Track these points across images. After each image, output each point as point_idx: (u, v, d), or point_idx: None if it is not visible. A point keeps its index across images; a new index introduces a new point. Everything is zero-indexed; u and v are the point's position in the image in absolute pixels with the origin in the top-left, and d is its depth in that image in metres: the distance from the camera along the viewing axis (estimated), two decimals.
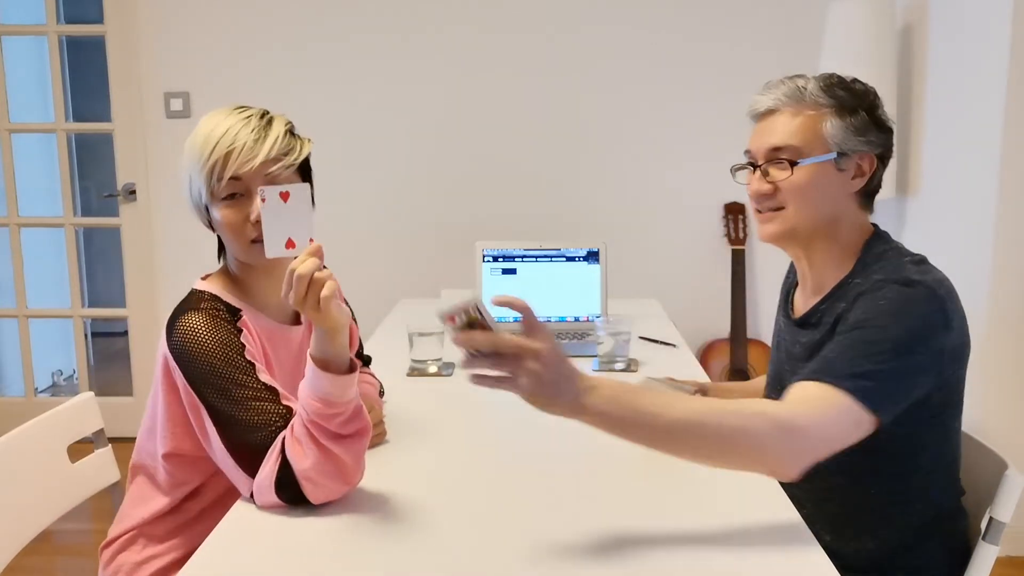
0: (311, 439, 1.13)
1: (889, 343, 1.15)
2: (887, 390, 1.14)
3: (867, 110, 1.29)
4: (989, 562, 1.21)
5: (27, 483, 1.37)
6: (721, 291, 3.47)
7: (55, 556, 2.68)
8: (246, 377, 1.20)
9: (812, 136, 1.28)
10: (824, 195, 1.29)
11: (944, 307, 1.18)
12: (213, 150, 1.23)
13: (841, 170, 1.29)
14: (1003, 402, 2.57)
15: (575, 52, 3.40)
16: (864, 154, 1.29)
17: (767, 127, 1.32)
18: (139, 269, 3.58)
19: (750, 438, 1.05)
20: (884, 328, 1.16)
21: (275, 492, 1.15)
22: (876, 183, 1.32)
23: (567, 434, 1.48)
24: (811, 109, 1.29)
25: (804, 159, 1.28)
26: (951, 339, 1.19)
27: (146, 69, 3.46)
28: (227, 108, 1.29)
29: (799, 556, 1.04)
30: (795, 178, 1.29)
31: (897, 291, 1.19)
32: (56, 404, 1.48)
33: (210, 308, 1.25)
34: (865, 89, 1.32)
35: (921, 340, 1.16)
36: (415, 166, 3.49)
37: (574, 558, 1.03)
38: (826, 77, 1.32)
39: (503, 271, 2.24)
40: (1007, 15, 2.44)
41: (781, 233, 1.32)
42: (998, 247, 2.51)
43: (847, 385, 1.11)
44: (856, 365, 1.13)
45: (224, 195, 1.25)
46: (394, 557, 1.04)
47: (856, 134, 1.28)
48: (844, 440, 1.11)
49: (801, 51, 3.31)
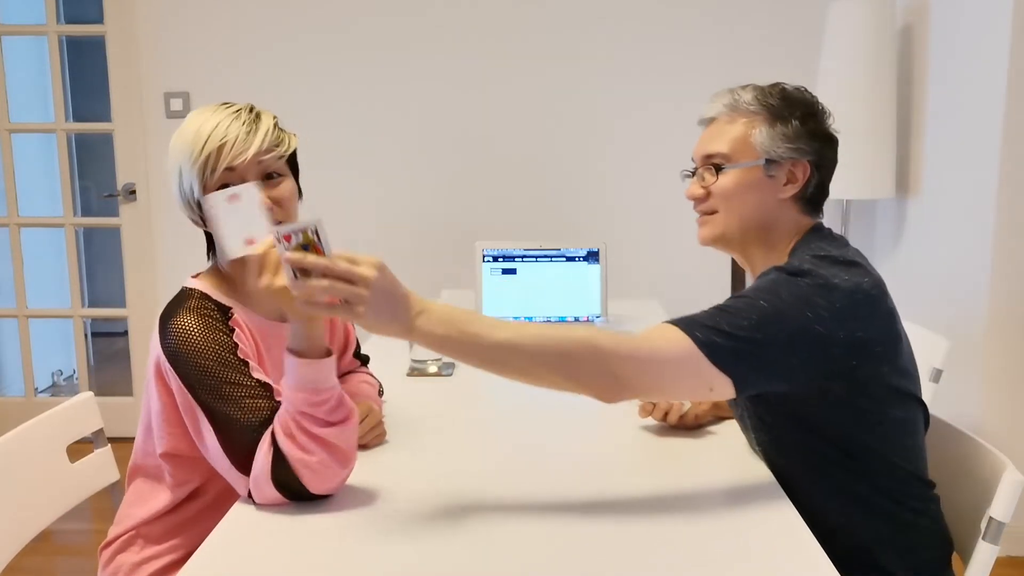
0: (303, 431, 1.14)
1: (755, 313, 1.16)
2: (739, 351, 1.14)
3: (800, 118, 1.31)
4: (989, 562, 1.21)
5: (27, 483, 1.37)
6: (721, 291, 3.47)
7: (55, 556, 2.68)
8: (239, 376, 1.21)
9: (741, 143, 1.33)
10: (752, 200, 1.33)
11: (831, 295, 1.17)
12: (205, 143, 1.24)
13: (771, 176, 1.32)
14: (1003, 402, 2.57)
15: (575, 52, 3.40)
16: (796, 161, 1.31)
17: (706, 134, 1.38)
18: (139, 269, 3.59)
19: (568, 360, 1.11)
20: (754, 300, 1.18)
21: (273, 486, 1.15)
22: (814, 189, 1.34)
23: (567, 433, 1.48)
24: (744, 117, 1.33)
25: (731, 165, 1.33)
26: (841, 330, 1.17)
27: (146, 69, 3.46)
28: (213, 105, 1.30)
29: (799, 556, 1.04)
30: (721, 183, 1.34)
31: (778, 275, 1.21)
32: (56, 404, 1.48)
33: (201, 308, 1.26)
34: (803, 99, 1.34)
35: (794, 317, 1.16)
36: (415, 166, 3.49)
37: (574, 557, 1.03)
38: (765, 87, 1.35)
39: (503, 271, 2.24)
40: (1007, 15, 2.44)
41: (712, 237, 1.38)
42: (998, 247, 2.51)
43: (697, 334, 1.15)
44: (713, 321, 1.16)
45: (218, 187, 1.25)
46: (394, 557, 1.04)
47: (786, 141, 1.31)
48: (682, 385, 1.15)
49: (801, 51, 3.31)
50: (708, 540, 1.08)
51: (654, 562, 1.02)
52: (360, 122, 3.46)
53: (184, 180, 1.28)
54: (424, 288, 3.50)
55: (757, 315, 1.16)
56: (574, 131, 3.44)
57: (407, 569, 1.01)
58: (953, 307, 2.70)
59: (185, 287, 1.32)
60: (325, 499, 1.19)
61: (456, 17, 3.40)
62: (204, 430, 1.21)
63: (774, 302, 1.17)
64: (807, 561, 1.03)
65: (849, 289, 1.20)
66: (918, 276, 2.91)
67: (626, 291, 3.35)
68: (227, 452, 1.18)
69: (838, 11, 2.96)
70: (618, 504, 1.19)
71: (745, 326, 1.15)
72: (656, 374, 1.14)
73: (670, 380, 1.15)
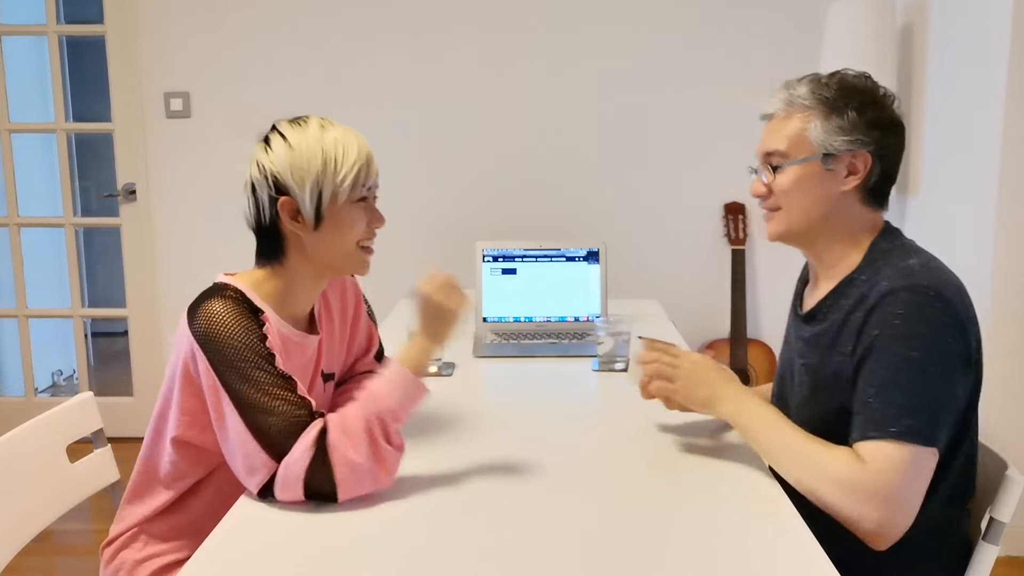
0: (368, 434, 1.19)
1: (913, 368, 1.16)
2: (932, 418, 1.16)
3: (857, 108, 1.30)
4: (989, 562, 1.21)
5: (27, 483, 1.37)
6: (721, 291, 3.47)
7: (55, 556, 2.68)
8: (267, 364, 1.23)
9: (797, 140, 1.32)
10: (814, 195, 1.32)
11: (955, 310, 1.19)
12: (356, 155, 1.33)
13: (829, 169, 1.31)
14: (1003, 402, 2.57)
15: (575, 53, 3.40)
16: (855, 152, 1.30)
17: (766, 132, 1.37)
18: (139, 269, 3.59)
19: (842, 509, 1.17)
20: (906, 353, 1.17)
21: (303, 479, 1.16)
22: (878, 180, 1.32)
23: (568, 433, 1.48)
24: (799, 112, 1.32)
25: (789, 162, 1.32)
26: (967, 339, 1.20)
27: (146, 69, 3.46)
28: (316, 117, 1.36)
29: (799, 556, 1.04)
30: (781, 181, 1.33)
31: (905, 300, 1.19)
32: (56, 404, 1.48)
33: (234, 298, 1.28)
34: (862, 87, 1.33)
35: (942, 350, 1.18)
36: (415, 166, 3.49)
37: (574, 555, 1.03)
38: (821, 77, 1.34)
39: (503, 271, 2.24)
40: (1007, 15, 2.44)
41: (778, 233, 1.37)
42: (998, 247, 2.51)
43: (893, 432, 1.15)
44: (892, 405, 1.16)
45: (358, 197, 1.35)
46: (394, 556, 1.04)
47: (842, 134, 1.29)
48: (922, 488, 1.16)
49: (801, 51, 3.31)
50: (708, 540, 1.08)
51: (654, 561, 1.02)
52: (360, 122, 3.44)
53: (325, 186, 1.31)
54: None
55: (915, 369, 1.17)
56: (574, 131, 3.44)
57: (407, 568, 1.01)
58: None
59: (219, 281, 1.33)
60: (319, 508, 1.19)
61: (456, 18, 3.39)
62: (227, 411, 1.22)
63: (919, 344, 1.17)
64: (807, 561, 1.03)
65: (960, 296, 1.22)
66: None
67: (626, 291, 3.35)
68: (252, 433, 1.19)
69: (838, 11, 2.96)
70: (618, 503, 1.19)
71: (918, 388, 1.16)
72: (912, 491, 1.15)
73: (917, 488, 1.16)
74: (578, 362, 1.98)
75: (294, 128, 1.33)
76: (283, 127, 1.34)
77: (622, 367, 1.91)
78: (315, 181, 1.31)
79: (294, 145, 1.31)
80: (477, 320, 2.23)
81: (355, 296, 1.61)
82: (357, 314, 1.61)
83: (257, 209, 1.33)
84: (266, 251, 1.37)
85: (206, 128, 3.47)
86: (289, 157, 1.30)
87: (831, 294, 1.34)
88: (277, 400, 1.20)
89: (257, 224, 1.35)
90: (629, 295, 3.25)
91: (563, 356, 2.03)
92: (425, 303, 1.34)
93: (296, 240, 1.34)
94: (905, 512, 1.14)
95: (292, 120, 1.36)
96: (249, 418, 1.20)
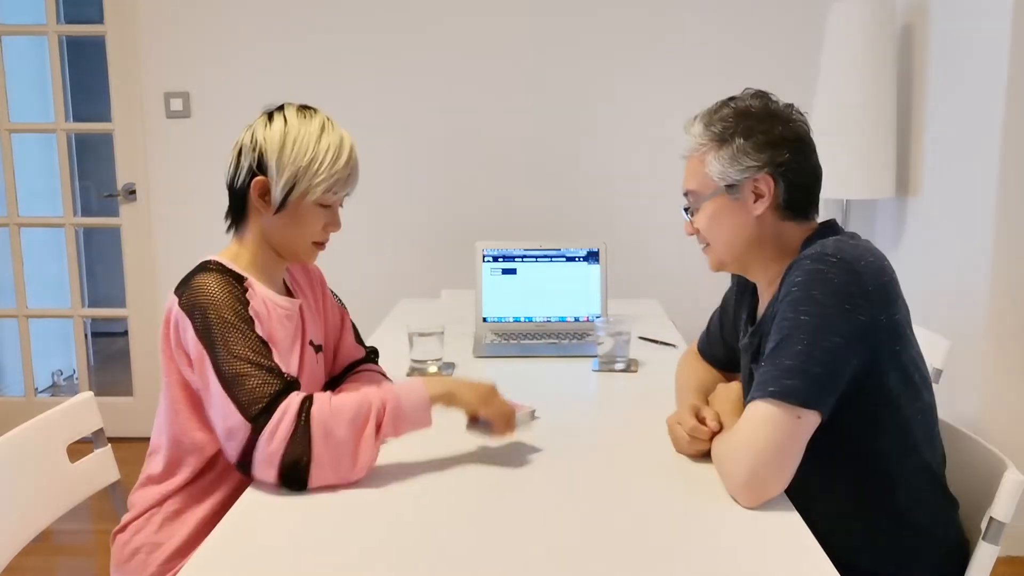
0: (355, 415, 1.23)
1: (802, 330, 1.17)
2: (815, 382, 1.15)
3: (744, 134, 1.30)
4: (989, 562, 1.21)
5: (27, 483, 1.37)
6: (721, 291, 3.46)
7: (55, 556, 2.68)
8: (246, 327, 1.29)
9: (700, 178, 1.36)
10: (730, 226, 1.35)
11: (861, 280, 1.18)
12: (343, 167, 1.40)
13: (736, 199, 1.33)
14: (1003, 402, 2.57)
15: (575, 53, 3.40)
16: (755, 176, 1.30)
17: (684, 173, 1.41)
18: (139, 269, 3.59)
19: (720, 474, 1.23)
20: (796, 318, 1.18)
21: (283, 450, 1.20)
22: (788, 195, 1.31)
23: (567, 432, 1.48)
24: (697, 152, 1.36)
25: (700, 200, 1.36)
26: (874, 311, 1.18)
27: (146, 69, 3.46)
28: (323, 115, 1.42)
29: (799, 556, 1.04)
30: (700, 219, 1.39)
31: (806, 269, 1.20)
32: (56, 404, 1.48)
33: (216, 269, 1.35)
34: (746, 111, 1.32)
35: (837, 316, 1.16)
36: (415, 166, 3.49)
37: (573, 554, 1.03)
38: (712, 112, 1.34)
39: (503, 271, 2.24)
40: (1007, 15, 2.44)
41: (715, 265, 1.42)
42: (998, 247, 2.51)
43: (772, 391, 1.16)
44: (776, 367, 1.17)
45: (325, 203, 1.41)
46: (394, 556, 1.04)
47: (735, 163, 1.31)
48: (788, 447, 1.16)
49: (801, 51, 3.31)
50: (708, 540, 1.08)
51: (654, 561, 1.02)
52: (360, 122, 3.46)
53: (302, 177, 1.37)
54: (424, 288, 3.52)
55: (806, 332, 1.17)
56: (574, 131, 3.44)
57: (407, 568, 1.01)
58: (953, 307, 2.70)
59: (202, 261, 1.39)
60: (323, 497, 1.20)
61: (456, 18, 3.39)
62: (209, 377, 1.26)
63: (814, 310, 1.17)
64: (807, 561, 1.03)
65: (876, 271, 1.20)
66: (918, 276, 2.91)
67: (626, 291, 3.35)
68: (230, 396, 1.23)
69: (838, 11, 2.96)
70: (617, 503, 1.19)
71: (800, 350, 1.16)
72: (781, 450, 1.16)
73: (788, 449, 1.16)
74: (578, 362, 1.98)
75: (299, 116, 1.40)
76: (289, 111, 1.40)
77: (622, 367, 1.91)
78: (293, 174, 1.37)
79: (291, 133, 1.37)
80: (477, 320, 2.23)
81: (320, 279, 1.67)
82: (324, 290, 1.66)
83: (235, 172, 1.40)
84: (233, 210, 1.44)
85: (206, 128, 3.47)
86: (282, 142, 1.37)
87: (769, 304, 1.34)
88: (249, 364, 1.25)
89: (231, 184, 1.42)
90: (629, 295, 3.25)
91: (563, 356, 2.03)
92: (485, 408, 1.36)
93: (256, 214, 1.42)
94: (754, 469, 1.15)
95: (301, 107, 1.42)
96: (226, 379, 1.25)
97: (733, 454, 1.19)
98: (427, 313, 2.60)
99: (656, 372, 1.89)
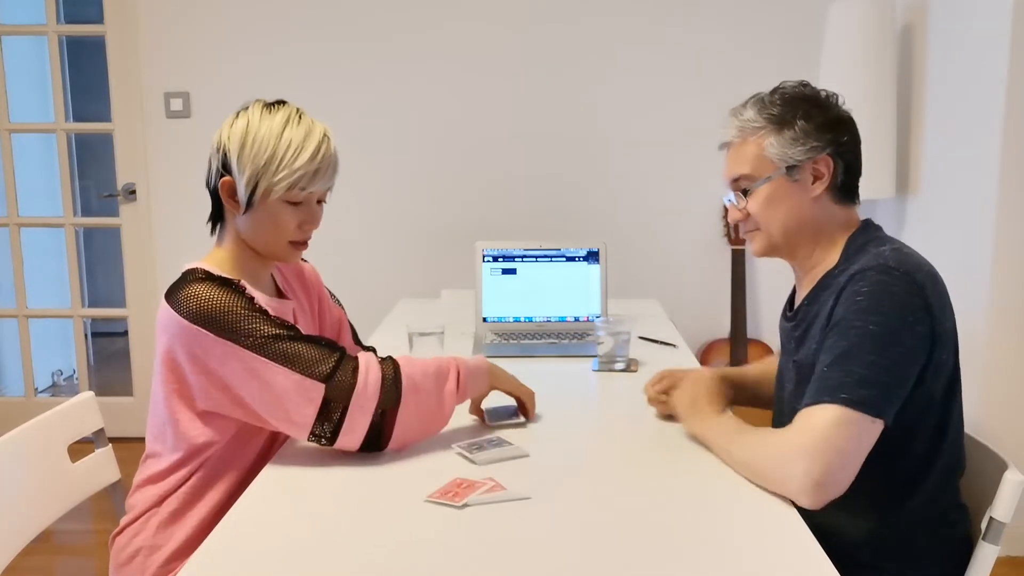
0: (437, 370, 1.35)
1: (872, 341, 1.18)
2: (885, 391, 1.17)
3: (804, 116, 1.34)
4: (989, 562, 1.21)
5: (27, 483, 1.37)
6: (721, 291, 3.47)
7: (55, 556, 2.68)
8: (266, 316, 1.30)
9: (757, 161, 1.37)
10: (787, 209, 1.36)
11: (923, 292, 1.22)
12: (306, 162, 1.34)
13: (796, 181, 1.35)
14: (1003, 402, 2.57)
15: (575, 52, 3.40)
16: (816, 158, 1.34)
17: (728, 160, 1.43)
18: (139, 269, 3.59)
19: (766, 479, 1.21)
20: (864, 327, 1.19)
21: (379, 396, 1.27)
22: (844, 176, 1.36)
23: (567, 431, 1.48)
24: (752, 135, 1.37)
25: (756, 183, 1.37)
26: (933, 323, 1.22)
27: (146, 69, 3.46)
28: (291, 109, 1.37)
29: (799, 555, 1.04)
30: (753, 202, 1.38)
31: (872, 280, 1.22)
32: (56, 404, 1.48)
33: (205, 278, 1.33)
34: (801, 95, 1.37)
35: (903, 328, 1.19)
36: (415, 166, 3.49)
37: (574, 557, 1.03)
38: (765, 97, 1.38)
39: (503, 271, 2.24)
40: (1007, 15, 2.44)
41: (761, 250, 1.42)
42: (998, 246, 2.51)
43: (845, 398, 1.16)
44: (848, 375, 1.17)
45: (293, 200, 1.37)
46: (395, 555, 1.04)
47: (797, 144, 1.33)
48: (859, 452, 1.16)
49: (801, 51, 3.31)
50: (708, 540, 1.08)
51: (654, 561, 1.02)
52: (360, 122, 3.46)
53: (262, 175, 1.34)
54: (424, 288, 3.52)
55: (872, 343, 1.18)
56: (574, 131, 3.44)
57: (407, 569, 1.01)
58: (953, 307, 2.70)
59: (187, 269, 1.38)
60: (322, 499, 1.20)
61: (456, 18, 3.40)
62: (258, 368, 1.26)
63: (882, 320, 1.19)
64: (807, 561, 1.03)
65: (932, 282, 1.24)
66: None
67: (626, 291, 3.35)
68: (293, 367, 1.25)
69: (838, 11, 2.96)
70: (617, 503, 1.19)
71: (873, 361, 1.17)
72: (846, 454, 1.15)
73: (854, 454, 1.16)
74: (578, 362, 1.98)
75: (264, 113, 1.36)
76: (255, 108, 1.37)
77: (622, 367, 1.91)
78: (254, 172, 1.34)
79: (252, 131, 1.35)
80: (477, 320, 2.23)
81: (315, 279, 1.66)
82: (322, 296, 1.65)
83: (208, 174, 1.40)
84: (213, 210, 1.43)
85: (206, 128, 3.47)
86: (242, 140, 1.35)
87: (812, 291, 1.38)
88: (291, 340, 1.27)
89: (207, 187, 1.42)
90: (629, 295, 3.25)
91: (563, 356, 2.03)
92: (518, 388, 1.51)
93: (231, 216, 1.41)
94: (830, 469, 1.14)
95: (269, 104, 1.39)
96: (281, 356, 1.26)
97: (802, 454, 1.15)
98: (427, 313, 2.60)
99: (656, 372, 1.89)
